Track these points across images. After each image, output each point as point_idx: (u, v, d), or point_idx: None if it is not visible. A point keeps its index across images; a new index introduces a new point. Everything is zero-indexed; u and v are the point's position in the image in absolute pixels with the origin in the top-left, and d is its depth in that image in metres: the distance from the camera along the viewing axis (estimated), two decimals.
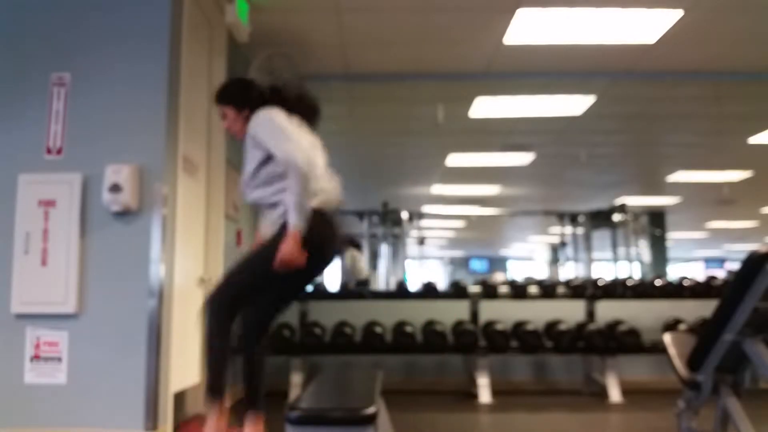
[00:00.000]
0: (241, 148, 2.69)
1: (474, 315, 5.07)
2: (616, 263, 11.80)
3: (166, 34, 3.36)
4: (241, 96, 2.68)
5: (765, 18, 4.56)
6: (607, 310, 5.15)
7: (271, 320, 2.66)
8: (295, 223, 2.32)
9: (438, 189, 11.15)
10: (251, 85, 2.74)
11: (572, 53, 5.14)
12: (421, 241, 13.60)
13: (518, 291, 5.11)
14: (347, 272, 8.51)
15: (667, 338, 2.71)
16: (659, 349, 4.61)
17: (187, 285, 3.82)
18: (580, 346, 4.75)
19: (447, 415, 4.24)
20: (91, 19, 3.39)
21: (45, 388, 3.15)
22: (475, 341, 4.73)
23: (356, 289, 5.33)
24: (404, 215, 11.49)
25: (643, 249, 11.88)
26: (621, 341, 4.74)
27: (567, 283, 5.21)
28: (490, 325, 4.88)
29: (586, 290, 5.15)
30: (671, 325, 4.95)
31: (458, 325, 4.91)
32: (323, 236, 2.45)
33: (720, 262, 24.87)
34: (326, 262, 2.53)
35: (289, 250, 2.30)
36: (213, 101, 2.72)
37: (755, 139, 7.79)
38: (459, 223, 16.01)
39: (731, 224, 15.92)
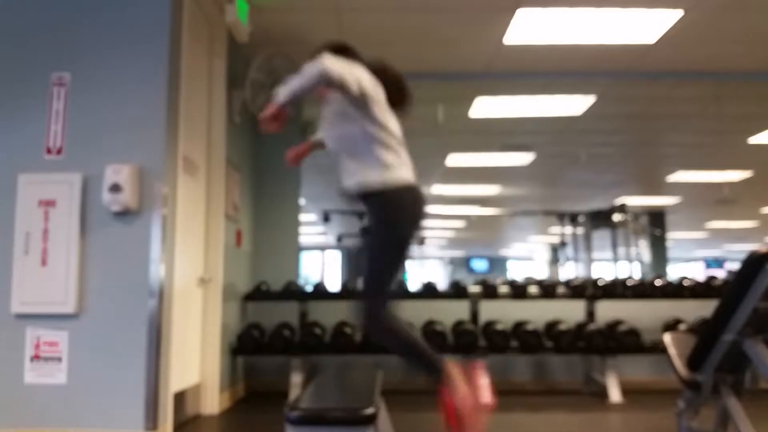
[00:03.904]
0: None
1: (474, 315, 5.07)
2: (616, 263, 11.79)
3: (166, 34, 3.36)
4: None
5: (765, 18, 4.57)
6: (607, 310, 5.15)
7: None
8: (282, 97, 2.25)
9: (438, 189, 11.15)
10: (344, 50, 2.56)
11: (572, 53, 5.15)
12: (421, 241, 13.59)
13: (518, 291, 5.10)
14: None
15: (667, 338, 2.71)
16: (659, 349, 4.61)
17: (187, 285, 3.83)
18: (580, 346, 4.75)
19: None
20: (91, 19, 3.39)
21: (45, 388, 3.15)
22: (475, 341, 4.73)
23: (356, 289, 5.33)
24: None
25: (643, 249, 11.88)
26: (621, 341, 4.74)
27: (567, 283, 5.21)
28: (490, 325, 4.88)
29: (586, 290, 5.14)
30: (671, 325, 4.95)
31: (458, 325, 4.91)
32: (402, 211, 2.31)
33: (720, 262, 24.87)
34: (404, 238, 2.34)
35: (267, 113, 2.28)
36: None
37: (755, 139, 7.79)
38: (459, 223, 16.01)
39: (731, 224, 15.92)
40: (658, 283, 5.20)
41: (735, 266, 3.92)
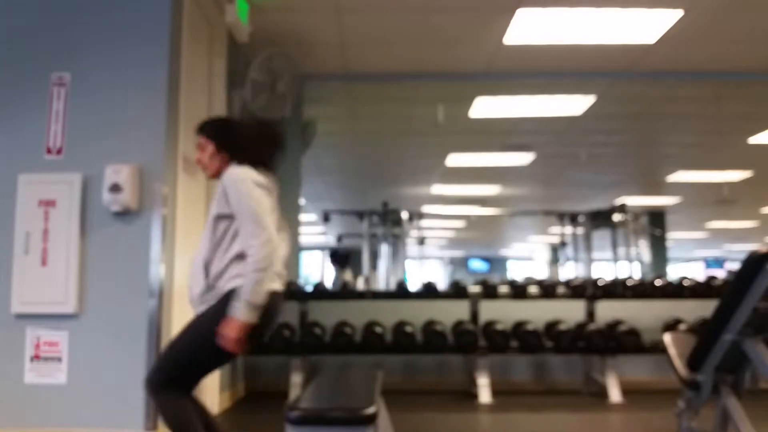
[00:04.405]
0: None
1: (474, 315, 5.07)
2: (616, 263, 11.79)
3: (166, 34, 3.36)
4: (225, 136, 2.44)
5: (765, 18, 4.57)
6: (607, 310, 5.15)
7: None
8: (244, 314, 2.12)
9: (438, 189, 11.15)
10: (237, 127, 2.52)
11: (572, 53, 5.15)
12: (421, 241, 13.59)
13: (518, 291, 5.10)
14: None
15: (667, 338, 2.71)
16: (659, 349, 4.60)
17: (187, 285, 3.82)
18: (580, 346, 4.75)
19: (447, 415, 4.24)
20: (91, 19, 3.39)
21: (45, 388, 3.15)
22: (475, 341, 4.73)
23: (356, 290, 5.33)
24: (404, 215, 11.48)
25: (643, 249, 11.87)
26: (621, 341, 4.73)
27: (567, 283, 5.21)
28: (490, 325, 4.88)
29: (586, 290, 5.14)
30: (671, 325, 4.95)
31: (458, 325, 4.91)
32: (270, 319, 2.28)
33: (720, 262, 24.86)
34: (261, 337, 2.33)
35: (233, 338, 2.12)
36: (196, 130, 2.48)
37: (755, 139, 7.79)
38: (459, 223, 16.01)
39: (731, 224, 15.92)
40: (658, 283, 5.20)
41: (735, 266, 3.91)
